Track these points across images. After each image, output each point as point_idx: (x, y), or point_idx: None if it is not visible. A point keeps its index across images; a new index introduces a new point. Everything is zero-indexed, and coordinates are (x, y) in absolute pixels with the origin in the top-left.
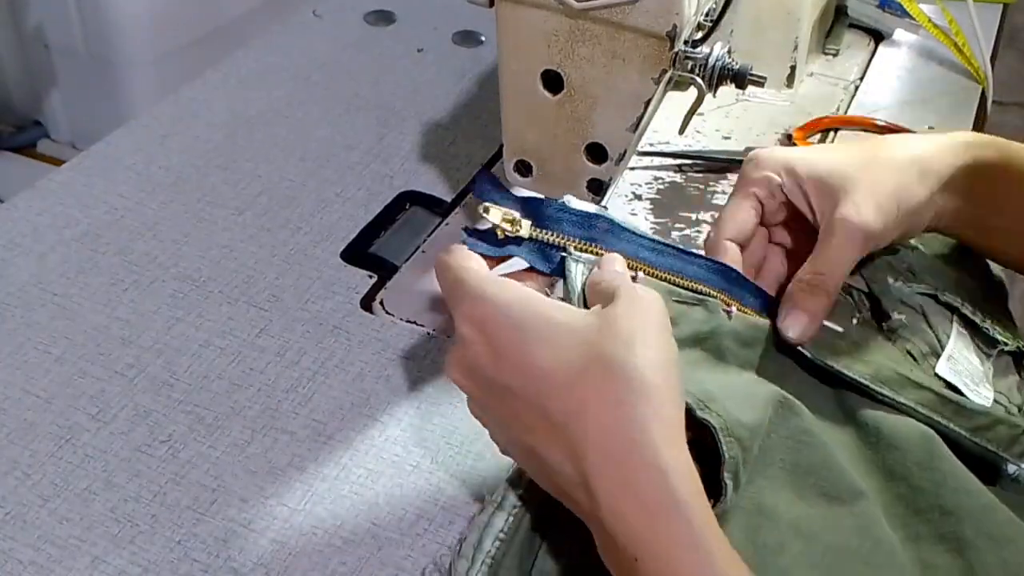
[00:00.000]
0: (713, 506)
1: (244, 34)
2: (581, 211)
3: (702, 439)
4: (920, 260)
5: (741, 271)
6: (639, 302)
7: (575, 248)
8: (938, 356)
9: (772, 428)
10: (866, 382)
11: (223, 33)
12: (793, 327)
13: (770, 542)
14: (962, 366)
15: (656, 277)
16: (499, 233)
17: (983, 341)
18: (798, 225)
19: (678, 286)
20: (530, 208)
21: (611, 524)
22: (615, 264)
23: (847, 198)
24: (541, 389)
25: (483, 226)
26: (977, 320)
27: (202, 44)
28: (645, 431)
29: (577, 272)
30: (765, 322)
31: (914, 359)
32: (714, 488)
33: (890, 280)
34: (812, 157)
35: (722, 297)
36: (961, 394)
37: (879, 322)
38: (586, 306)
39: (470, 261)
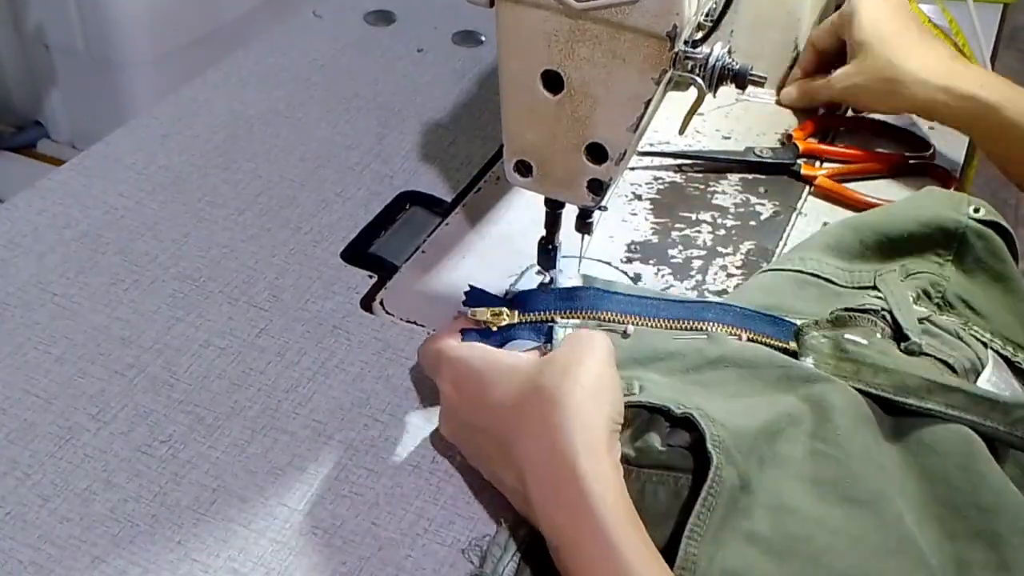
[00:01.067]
0: (705, 478)
1: (244, 34)
2: (564, 289)
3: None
4: (954, 289)
5: (719, 301)
6: (579, 339)
7: (561, 318)
8: (978, 374)
9: (779, 447)
10: (888, 395)
11: (223, 33)
12: (785, 94)
13: (798, 533)
14: (1005, 384)
15: (648, 326)
16: (492, 327)
17: (1016, 373)
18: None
19: (675, 328)
20: (517, 302)
21: (540, 521)
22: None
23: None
24: (494, 421)
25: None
26: (1008, 355)
27: (202, 44)
28: (568, 443)
29: (562, 337)
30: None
31: (953, 371)
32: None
33: (919, 307)
34: (858, 23)
35: (729, 330)
36: None
37: (898, 343)
38: None
39: (448, 338)
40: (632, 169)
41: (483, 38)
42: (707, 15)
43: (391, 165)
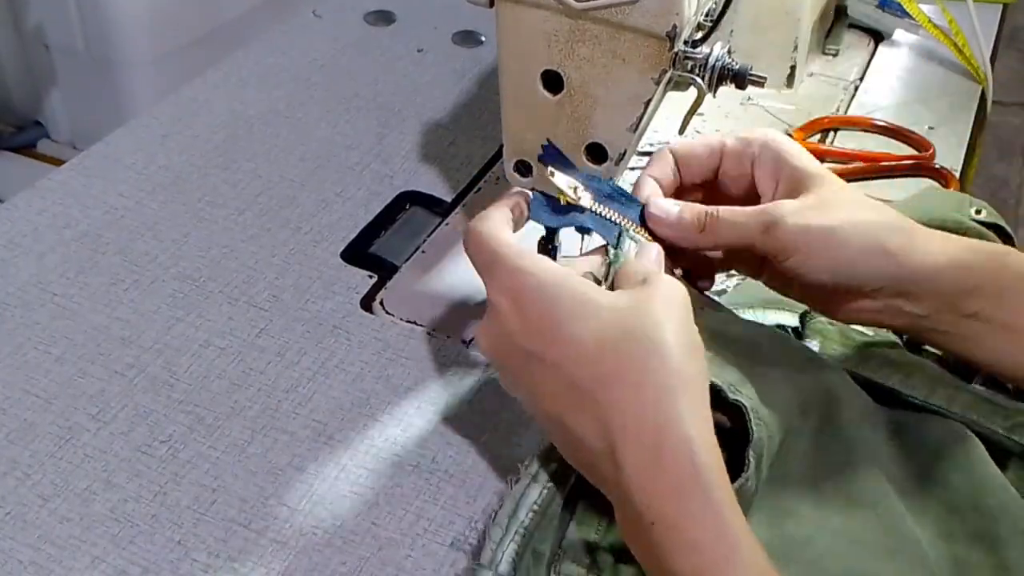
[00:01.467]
0: (733, 482)
1: (244, 34)
2: (635, 197)
3: (724, 424)
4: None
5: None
6: (668, 289)
7: (633, 230)
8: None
9: (792, 439)
10: (894, 387)
11: (223, 33)
12: (656, 207)
13: (797, 535)
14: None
15: None
16: (562, 200)
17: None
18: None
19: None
20: (594, 185)
21: (632, 490)
22: (651, 254)
23: (791, 199)
24: (572, 358)
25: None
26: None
27: (202, 44)
28: (674, 403)
29: (630, 250)
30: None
31: (948, 370)
32: (734, 473)
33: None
34: (803, 155)
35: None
36: None
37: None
38: (612, 288)
39: (504, 232)
40: (632, 169)
41: (483, 38)
42: (707, 15)
43: (391, 165)
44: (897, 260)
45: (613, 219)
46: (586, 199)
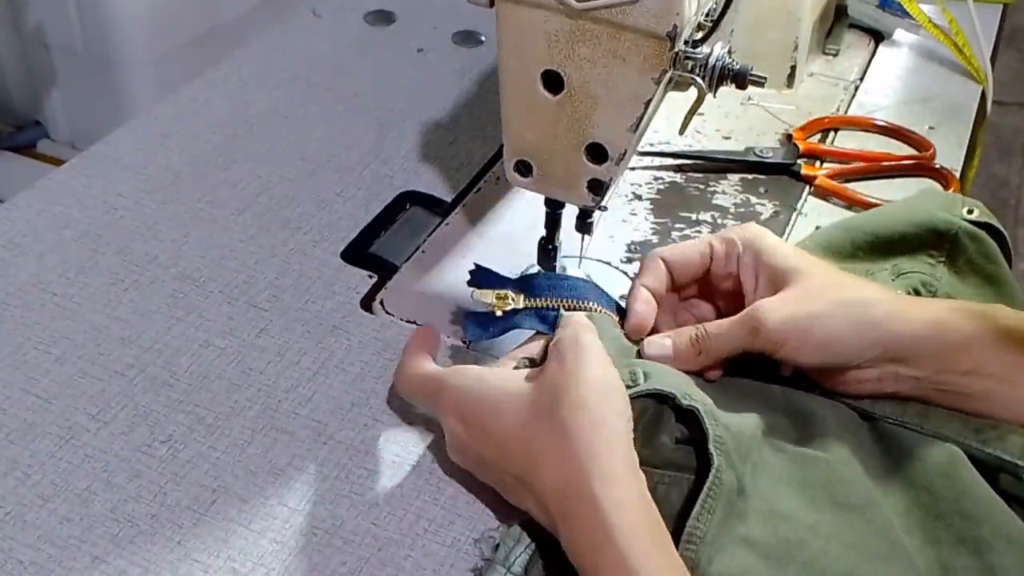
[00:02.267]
0: (707, 479)
1: (244, 34)
2: (574, 277)
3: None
4: (945, 290)
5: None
6: (567, 346)
7: (565, 308)
8: None
9: (768, 454)
10: (865, 408)
11: (223, 33)
12: (652, 346)
13: (792, 537)
14: None
15: None
16: (497, 311)
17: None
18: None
19: None
20: (522, 285)
21: (567, 548)
22: (568, 323)
23: (771, 297)
24: (505, 454)
25: (480, 309)
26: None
27: (202, 44)
28: (584, 475)
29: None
30: None
31: None
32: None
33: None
34: (784, 250)
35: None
36: None
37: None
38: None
39: (426, 366)
40: (632, 169)
41: (483, 38)
42: (707, 15)
43: (391, 165)
44: (884, 328)
45: (550, 306)
46: (519, 300)
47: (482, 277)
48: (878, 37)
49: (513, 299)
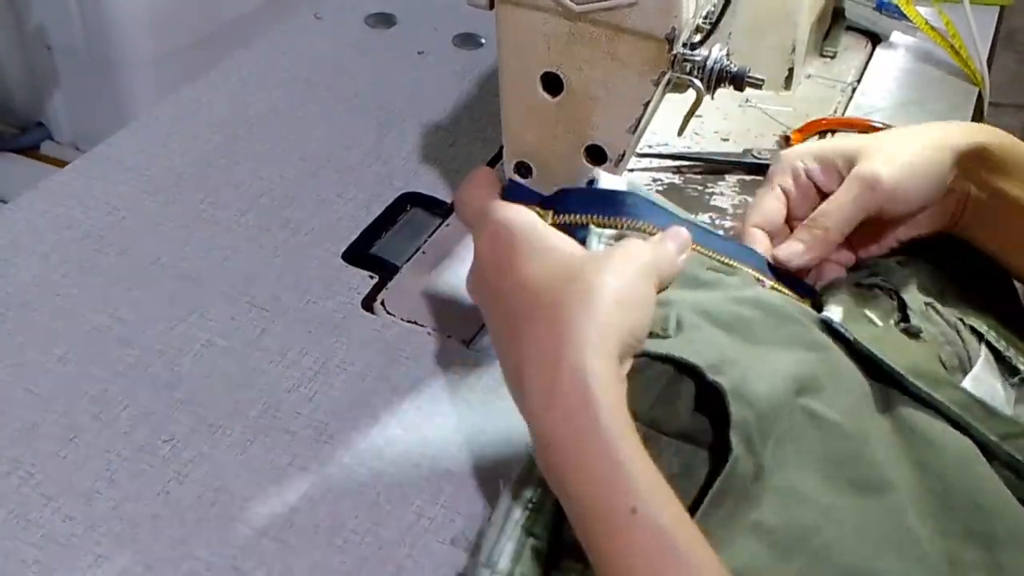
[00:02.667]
0: (724, 468)
1: (245, 35)
2: (604, 190)
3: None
4: (951, 286)
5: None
6: (628, 246)
7: (595, 224)
8: (965, 373)
9: (799, 417)
10: (903, 373)
11: (224, 34)
12: (785, 250)
13: (806, 522)
14: (984, 388)
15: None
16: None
17: (1006, 368)
18: None
19: (709, 258)
20: (552, 202)
21: (532, 412)
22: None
23: (864, 160)
24: (514, 291)
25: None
26: (1001, 348)
27: (203, 45)
28: (578, 334)
29: (595, 246)
30: (803, 306)
31: (943, 365)
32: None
33: (920, 295)
34: (836, 141)
35: (754, 273)
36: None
37: (904, 325)
38: None
39: (493, 189)
40: (631, 170)
41: (483, 40)
42: (705, 17)
43: (392, 166)
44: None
45: (578, 223)
46: (547, 217)
47: (515, 193)
48: (875, 39)
49: (542, 215)
